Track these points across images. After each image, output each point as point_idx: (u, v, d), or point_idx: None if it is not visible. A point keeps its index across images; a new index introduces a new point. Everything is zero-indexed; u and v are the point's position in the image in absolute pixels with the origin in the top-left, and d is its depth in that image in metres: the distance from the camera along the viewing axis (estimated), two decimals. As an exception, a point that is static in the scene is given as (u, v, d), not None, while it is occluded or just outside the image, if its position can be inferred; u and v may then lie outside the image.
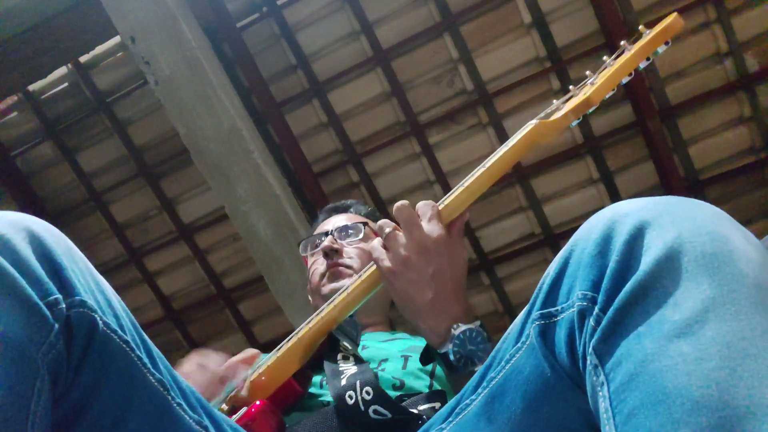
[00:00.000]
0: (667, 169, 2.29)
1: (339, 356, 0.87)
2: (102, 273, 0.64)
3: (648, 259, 0.49)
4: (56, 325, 0.53)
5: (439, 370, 1.02)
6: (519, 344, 0.62)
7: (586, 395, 0.54)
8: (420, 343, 1.15)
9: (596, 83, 0.87)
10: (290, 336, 0.91)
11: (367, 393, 0.78)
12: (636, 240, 0.50)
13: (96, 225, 2.69)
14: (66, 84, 2.52)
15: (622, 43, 0.90)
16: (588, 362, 0.51)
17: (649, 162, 2.35)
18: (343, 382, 0.81)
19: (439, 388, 0.98)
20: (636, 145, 2.34)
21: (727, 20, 2.17)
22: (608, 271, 0.51)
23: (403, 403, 0.83)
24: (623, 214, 0.53)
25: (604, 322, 0.50)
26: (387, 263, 0.82)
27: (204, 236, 2.66)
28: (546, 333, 0.58)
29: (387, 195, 2.50)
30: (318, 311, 0.91)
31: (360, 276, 0.90)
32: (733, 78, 2.24)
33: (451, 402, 0.70)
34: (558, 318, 0.57)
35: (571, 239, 0.57)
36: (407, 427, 0.78)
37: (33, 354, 0.50)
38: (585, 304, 0.53)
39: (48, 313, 0.52)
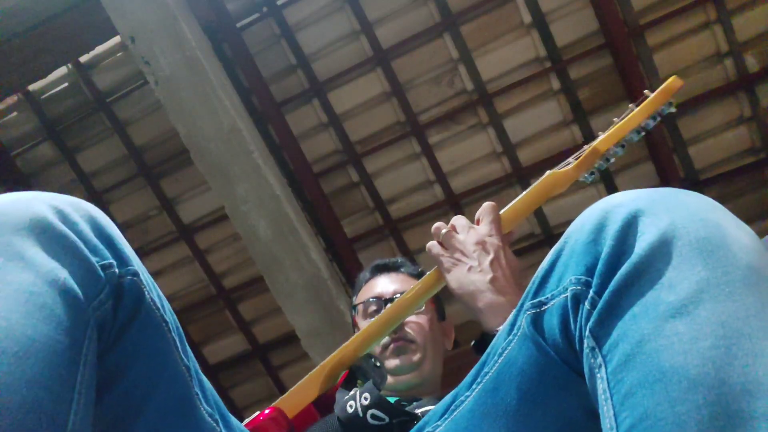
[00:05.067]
0: (667, 169, 2.29)
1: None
2: (102, 273, 0.66)
3: (642, 243, 0.50)
4: (107, 286, 0.57)
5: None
6: (511, 336, 0.63)
7: (582, 379, 0.54)
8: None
9: (602, 136, 0.99)
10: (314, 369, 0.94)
11: (365, 398, 0.79)
12: (630, 227, 0.51)
13: (96, 225, 2.69)
14: (66, 84, 2.52)
15: (630, 106, 1.01)
16: (585, 345, 0.52)
17: (649, 162, 2.35)
18: (346, 397, 0.83)
19: None
20: (636, 146, 2.34)
21: (727, 20, 2.17)
22: (603, 256, 0.52)
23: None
24: (616, 204, 0.54)
25: (600, 305, 0.51)
26: (447, 254, 0.89)
27: (204, 236, 2.66)
28: (537, 321, 0.59)
29: (387, 195, 2.50)
30: (343, 346, 0.93)
31: (380, 315, 0.94)
32: (733, 78, 2.24)
33: (446, 399, 0.70)
34: (549, 305, 0.58)
35: (565, 232, 0.58)
36: (405, 430, 0.78)
37: (85, 306, 0.54)
38: (579, 288, 0.53)
39: (102, 273, 0.57)
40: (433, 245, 0.92)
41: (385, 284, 1.28)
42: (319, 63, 2.38)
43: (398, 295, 1.19)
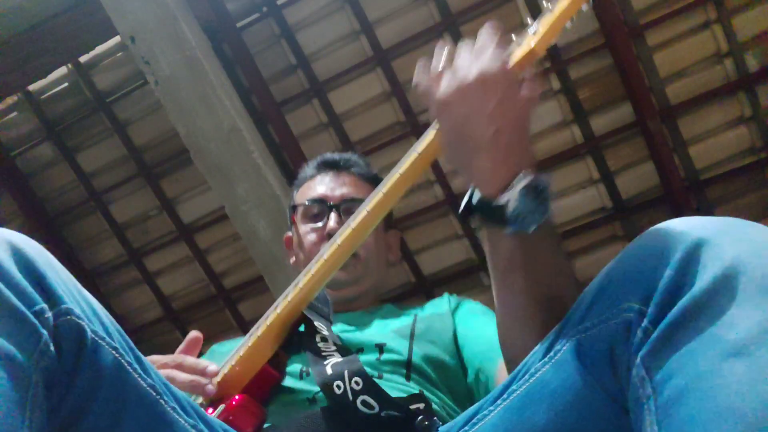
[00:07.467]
0: (668, 169, 2.28)
1: (317, 338, 0.84)
2: (102, 273, 0.64)
3: (705, 276, 0.48)
4: (45, 333, 0.53)
5: (416, 359, 0.98)
6: (546, 359, 0.61)
7: (621, 411, 0.53)
8: (399, 320, 1.09)
9: (539, 32, 0.82)
10: (259, 323, 0.90)
11: (357, 383, 0.76)
12: (692, 257, 0.49)
13: (96, 225, 2.69)
14: (66, 84, 2.51)
15: None
16: (633, 374, 0.51)
17: (650, 162, 2.34)
18: (329, 370, 0.79)
19: (416, 379, 0.96)
20: (636, 145, 2.34)
21: (727, 20, 2.17)
22: (661, 285, 0.50)
23: None
24: (679, 231, 0.52)
25: (654, 335, 0.49)
26: (440, 93, 0.72)
27: (204, 236, 2.66)
28: (581, 344, 0.57)
29: (387, 195, 2.50)
30: (283, 295, 0.88)
31: (321, 256, 0.85)
32: (733, 78, 2.23)
33: (470, 410, 0.69)
34: (595, 329, 0.56)
35: (619, 254, 0.56)
36: (393, 423, 0.77)
37: (24, 363, 0.50)
38: (632, 315, 0.52)
39: (35, 321, 0.52)
40: (421, 79, 0.74)
41: (331, 185, 1.15)
42: (319, 63, 2.38)
43: (345, 202, 1.08)
